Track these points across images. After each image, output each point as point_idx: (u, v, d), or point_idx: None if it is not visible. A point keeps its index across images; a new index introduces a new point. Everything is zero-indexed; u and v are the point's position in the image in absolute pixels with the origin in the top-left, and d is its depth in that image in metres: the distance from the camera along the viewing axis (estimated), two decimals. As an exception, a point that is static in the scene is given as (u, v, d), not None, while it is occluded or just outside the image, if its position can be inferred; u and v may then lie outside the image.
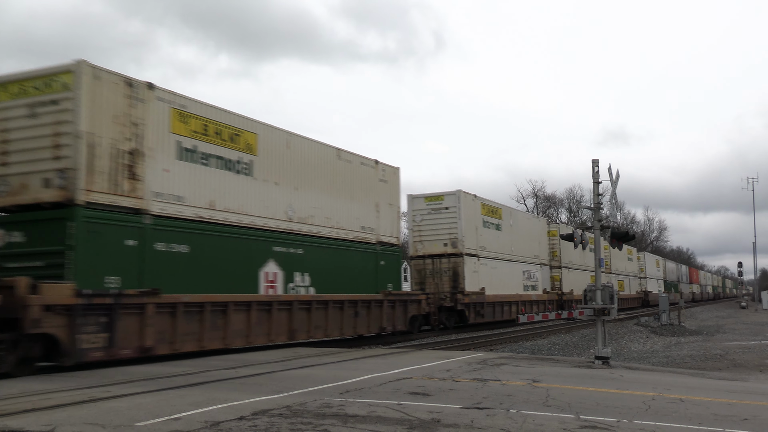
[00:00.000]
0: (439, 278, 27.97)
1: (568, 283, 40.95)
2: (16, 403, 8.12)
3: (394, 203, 22.74)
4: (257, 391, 9.09)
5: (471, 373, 11.60)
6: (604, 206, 15.04)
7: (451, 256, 28.08)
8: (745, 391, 11.43)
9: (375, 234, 21.36)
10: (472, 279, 28.52)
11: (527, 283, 34.86)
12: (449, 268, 27.95)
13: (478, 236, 29.66)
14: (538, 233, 37.93)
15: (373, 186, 21.46)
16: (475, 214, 29.48)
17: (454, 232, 28.09)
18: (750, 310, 59.39)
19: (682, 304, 43.74)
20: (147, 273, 13.35)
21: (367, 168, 21.34)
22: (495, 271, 30.94)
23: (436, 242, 28.32)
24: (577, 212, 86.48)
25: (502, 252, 32.01)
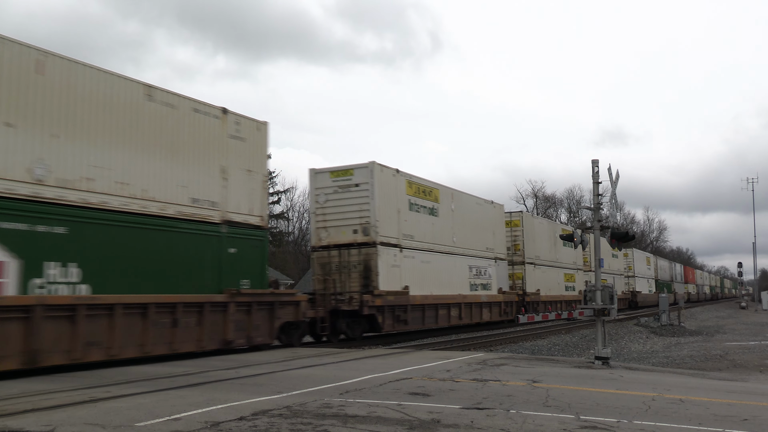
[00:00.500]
0: (347, 274, 21.98)
1: (533, 282, 35.73)
2: (16, 403, 8.12)
3: (256, 170, 16.89)
4: (257, 392, 9.09)
5: (471, 373, 11.61)
6: (604, 206, 15.05)
7: (361, 246, 21.96)
8: (744, 392, 11.44)
9: (219, 210, 15.54)
10: (391, 275, 22.47)
11: (476, 282, 28.89)
12: (359, 262, 21.87)
13: (402, 222, 23.53)
14: (494, 222, 31.82)
15: (217, 144, 15.68)
16: (396, 193, 23.45)
17: (365, 215, 21.95)
18: (750, 310, 59.40)
19: (682, 304, 43.75)
20: None
21: (207, 118, 15.49)
22: (426, 266, 24.94)
23: (345, 229, 22.25)
24: (576, 212, 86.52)
25: (438, 242, 26.01)
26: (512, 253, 34.54)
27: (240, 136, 16.48)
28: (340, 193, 22.47)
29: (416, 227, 24.55)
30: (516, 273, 34.67)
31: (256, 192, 16.90)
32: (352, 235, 22.15)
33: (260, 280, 16.78)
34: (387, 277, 22.21)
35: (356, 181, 22.25)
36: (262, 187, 17.20)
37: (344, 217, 22.30)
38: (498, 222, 32.24)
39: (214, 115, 15.77)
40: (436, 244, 25.90)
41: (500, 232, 32.42)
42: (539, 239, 37.25)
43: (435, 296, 25.14)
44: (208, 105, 15.61)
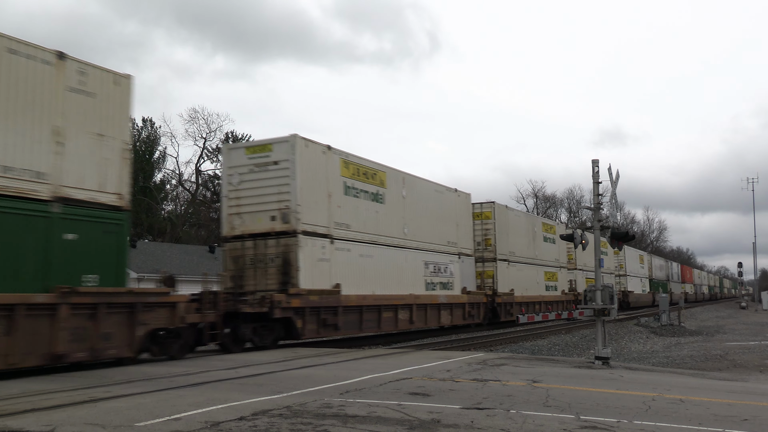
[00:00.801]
0: (263, 270, 18.18)
1: (506, 281, 31.75)
2: (16, 403, 8.12)
3: (111, 135, 13.32)
4: (257, 392, 9.09)
5: (471, 373, 11.61)
6: (604, 206, 15.05)
7: (280, 236, 18.04)
8: (745, 392, 11.44)
9: (48, 184, 12.03)
10: (317, 271, 18.66)
11: (433, 280, 25.02)
12: (277, 255, 18.03)
13: (333, 208, 19.63)
14: (458, 213, 27.61)
15: (48, 97, 12.15)
16: (327, 173, 19.53)
17: (285, 198, 18.07)
18: (750, 310, 59.40)
19: (682, 304, 43.71)
20: None
21: (32, 63, 11.95)
22: (367, 261, 21.04)
23: (261, 215, 18.38)
24: (577, 212, 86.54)
25: (384, 234, 22.06)
26: (482, 249, 30.72)
27: (86, 90, 12.88)
28: (257, 173, 18.59)
29: (354, 215, 20.66)
30: (486, 271, 30.70)
31: (111, 163, 13.26)
32: (270, 222, 18.27)
33: (115, 275, 13.10)
34: (311, 273, 18.32)
35: (275, 159, 18.40)
36: (122, 157, 13.49)
37: (261, 202, 18.44)
38: (463, 213, 28.17)
39: (44, 59, 12.17)
40: (381, 236, 21.94)
41: (466, 224, 28.33)
42: (515, 233, 33.54)
43: (377, 296, 21.10)
44: (36, 46, 12.10)
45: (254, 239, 18.42)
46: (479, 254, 30.25)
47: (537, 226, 37.29)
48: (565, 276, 41.16)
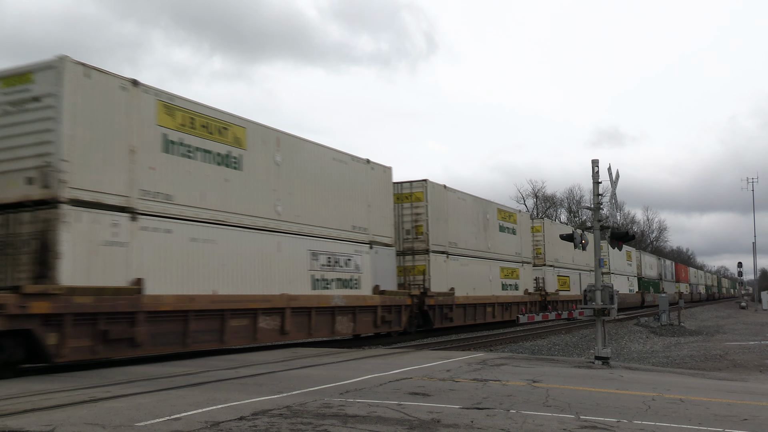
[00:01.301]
0: (12, 257, 12.26)
1: (443, 278, 25.59)
2: (16, 403, 8.12)
3: None
4: (257, 392, 9.09)
5: (471, 373, 11.61)
6: (603, 206, 15.05)
7: (37, 208, 12.21)
8: (744, 392, 11.44)
9: None
10: (101, 260, 12.77)
11: (327, 276, 19.10)
12: (33, 235, 12.13)
13: (140, 169, 13.70)
14: (371, 191, 21.47)
15: None
16: (131, 119, 13.67)
17: (47, 152, 12.26)
18: (750, 310, 59.40)
19: (682, 304, 43.67)
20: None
21: None
22: (204, 248, 15.02)
23: (14, 176, 12.50)
24: (577, 212, 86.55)
25: (237, 211, 16.09)
26: (412, 239, 24.64)
27: None
28: (13, 115, 12.78)
29: (181, 182, 14.75)
30: (417, 266, 24.57)
31: None
32: (25, 187, 12.40)
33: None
34: (87, 262, 12.53)
35: (37, 93, 12.62)
36: None
37: (14, 157, 12.60)
38: (379, 192, 21.85)
39: None
40: (233, 214, 15.99)
41: (383, 206, 21.99)
42: (458, 220, 27.44)
43: (219, 297, 15.23)
44: None
45: (4, 212, 12.55)
46: (408, 245, 24.31)
47: (490, 213, 30.78)
48: (530, 273, 35.12)
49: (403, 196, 25.18)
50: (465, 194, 29.02)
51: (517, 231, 33.92)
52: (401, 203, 25.04)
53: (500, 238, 31.87)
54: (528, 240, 35.70)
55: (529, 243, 35.73)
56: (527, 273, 35.07)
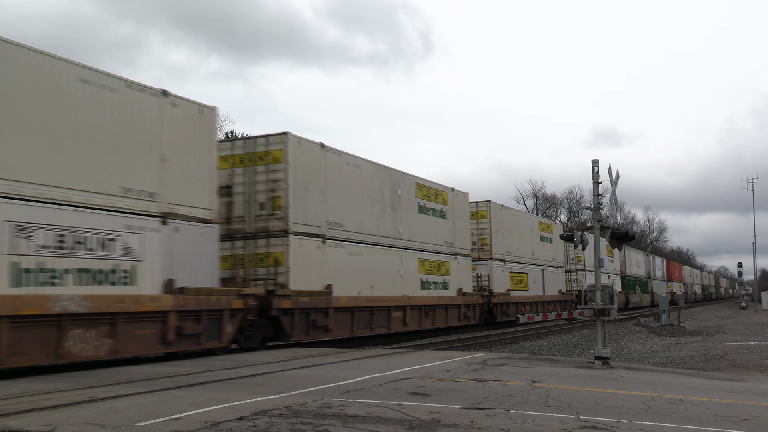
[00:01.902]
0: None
1: (311, 272, 18.55)
2: (16, 403, 8.12)
3: None
4: (257, 392, 9.09)
5: (471, 373, 11.61)
6: (604, 206, 15.05)
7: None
8: (744, 392, 11.44)
9: None
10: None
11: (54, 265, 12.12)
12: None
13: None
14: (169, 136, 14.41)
15: None
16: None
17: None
18: (750, 310, 59.41)
19: (682, 304, 43.66)
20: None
21: None
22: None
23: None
24: (577, 212, 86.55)
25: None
26: (266, 216, 18.05)
27: None
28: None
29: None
30: (273, 253, 17.77)
31: None
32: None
33: None
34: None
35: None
36: None
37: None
38: (189, 138, 15.10)
39: None
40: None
41: (196, 162, 15.26)
42: (345, 194, 20.48)
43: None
44: None
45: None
46: (255, 224, 18.23)
47: (404, 188, 23.84)
48: (464, 268, 27.93)
49: (256, 156, 18.45)
50: (360, 159, 21.54)
51: (449, 214, 26.82)
52: (254, 165, 18.46)
53: (420, 221, 24.67)
54: (465, 227, 28.47)
55: (465, 230, 28.43)
56: (462, 267, 27.65)
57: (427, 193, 25.55)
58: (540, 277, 36.28)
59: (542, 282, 36.52)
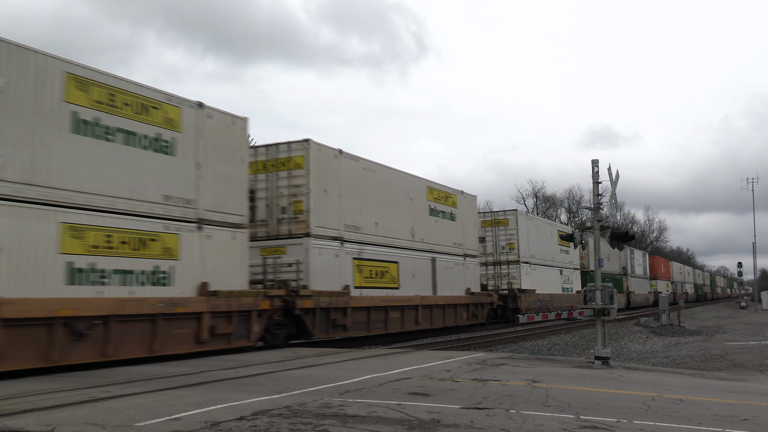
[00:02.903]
0: None
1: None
2: (16, 403, 8.12)
3: None
4: (257, 392, 9.09)
5: (471, 373, 11.60)
6: (603, 206, 15.04)
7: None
8: (744, 392, 11.44)
9: None
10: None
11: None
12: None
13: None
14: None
15: None
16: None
17: None
18: (750, 310, 59.41)
19: (682, 304, 43.59)
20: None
21: None
22: None
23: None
24: (576, 212, 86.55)
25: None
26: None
27: None
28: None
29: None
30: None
31: None
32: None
33: None
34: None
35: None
36: None
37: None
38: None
39: None
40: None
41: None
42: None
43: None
44: None
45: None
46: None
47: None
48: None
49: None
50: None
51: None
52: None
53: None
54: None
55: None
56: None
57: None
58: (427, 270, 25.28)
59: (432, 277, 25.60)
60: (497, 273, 33.33)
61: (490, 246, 33.50)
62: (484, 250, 31.58)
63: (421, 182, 25.25)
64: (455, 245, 27.14)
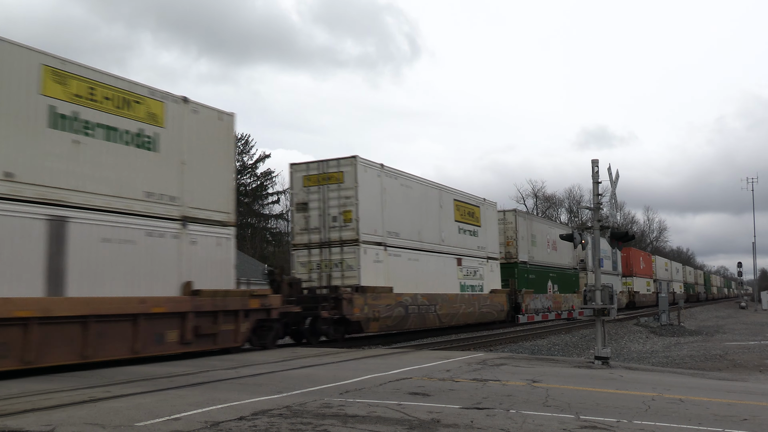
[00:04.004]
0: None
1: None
2: (16, 403, 8.12)
3: None
4: (257, 391, 9.09)
5: (471, 373, 11.60)
6: (604, 206, 15.04)
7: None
8: (744, 392, 11.44)
9: None
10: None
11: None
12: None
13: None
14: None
15: None
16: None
17: None
18: (749, 310, 59.44)
19: (682, 304, 43.45)
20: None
21: None
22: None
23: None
24: (577, 212, 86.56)
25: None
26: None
27: None
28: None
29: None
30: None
31: None
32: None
33: None
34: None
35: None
36: None
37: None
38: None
39: None
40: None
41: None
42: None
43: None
44: None
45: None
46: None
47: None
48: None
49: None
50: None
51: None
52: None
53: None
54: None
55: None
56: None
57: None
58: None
59: None
60: (324, 260, 21.21)
61: (315, 217, 21.53)
62: (306, 224, 21.52)
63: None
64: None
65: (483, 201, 30.37)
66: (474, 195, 30.00)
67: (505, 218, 33.88)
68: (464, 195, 29.09)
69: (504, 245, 33.31)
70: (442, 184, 27.39)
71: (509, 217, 34.13)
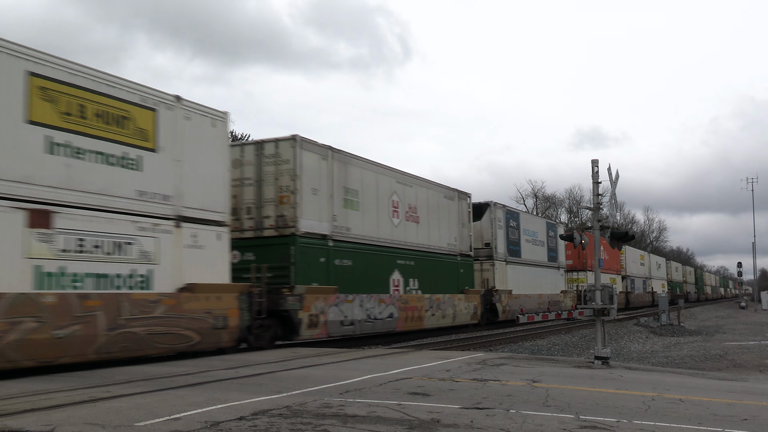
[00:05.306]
0: None
1: None
2: (16, 403, 8.12)
3: None
4: (257, 391, 9.09)
5: (471, 373, 11.61)
6: (603, 206, 15.04)
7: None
8: (744, 391, 11.44)
9: None
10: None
11: None
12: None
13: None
14: None
15: None
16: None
17: None
18: (749, 310, 59.44)
19: (683, 305, 43.36)
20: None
21: None
22: None
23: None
24: (577, 213, 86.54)
25: None
26: None
27: None
28: None
29: None
30: None
31: None
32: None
33: None
34: None
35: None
36: None
37: None
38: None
39: None
40: None
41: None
42: None
43: None
44: None
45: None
46: None
47: None
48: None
49: None
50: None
51: None
52: None
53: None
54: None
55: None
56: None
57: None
58: None
59: None
60: None
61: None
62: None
63: None
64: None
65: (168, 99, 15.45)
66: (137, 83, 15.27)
67: (278, 152, 18.42)
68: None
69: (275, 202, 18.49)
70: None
71: (284, 151, 18.40)
